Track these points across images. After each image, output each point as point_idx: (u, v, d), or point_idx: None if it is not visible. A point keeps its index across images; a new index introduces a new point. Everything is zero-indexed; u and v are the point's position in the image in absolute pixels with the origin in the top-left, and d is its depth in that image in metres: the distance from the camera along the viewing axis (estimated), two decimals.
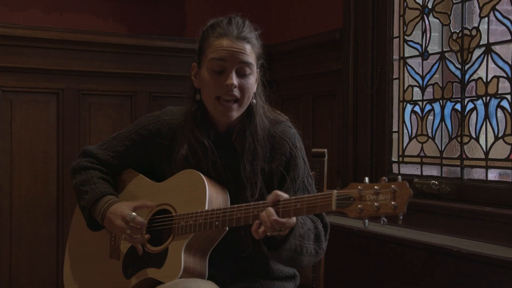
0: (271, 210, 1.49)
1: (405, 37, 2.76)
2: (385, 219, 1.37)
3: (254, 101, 1.75)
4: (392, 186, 1.35)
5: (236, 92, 1.67)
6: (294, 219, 1.51)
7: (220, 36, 1.68)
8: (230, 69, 1.67)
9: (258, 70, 1.76)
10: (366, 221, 1.39)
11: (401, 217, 1.35)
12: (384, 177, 1.38)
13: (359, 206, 1.38)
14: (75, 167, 1.88)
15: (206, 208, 1.65)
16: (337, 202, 1.41)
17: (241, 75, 1.68)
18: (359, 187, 1.40)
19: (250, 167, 1.71)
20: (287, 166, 1.73)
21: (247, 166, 1.70)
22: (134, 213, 1.70)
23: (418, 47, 2.69)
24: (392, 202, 1.34)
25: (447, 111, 2.55)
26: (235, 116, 1.71)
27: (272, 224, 1.48)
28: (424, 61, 2.66)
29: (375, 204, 1.36)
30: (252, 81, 1.71)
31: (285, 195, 1.53)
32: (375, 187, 1.37)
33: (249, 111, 1.75)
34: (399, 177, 1.37)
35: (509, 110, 2.28)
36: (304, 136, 1.84)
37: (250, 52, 1.70)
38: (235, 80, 1.66)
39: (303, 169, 1.75)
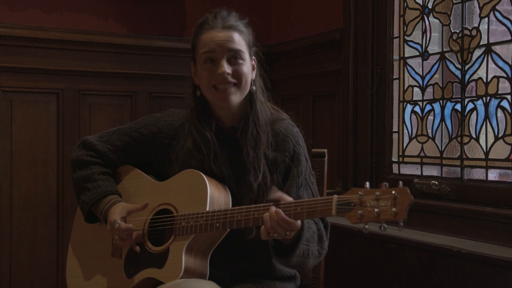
0: (279, 210, 1.48)
1: (405, 37, 2.76)
2: (385, 225, 1.36)
3: (254, 87, 1.77)
4: (393, 192, 1.34)
5: (231, 79, 1.69)
6: (299, 222, 1.51)
7: (207, 31, 1.72)
8: (220, 58, 1.70)
9: (254, 58, 1.79)
10: (366, 226, 1.38)
11: (401, 224, 1.34)
12: (385, 183, 1.38)
13: (359, 212, 1.38)
14: (75, 160, 1.90)
15: (207, 209, 1.65)
16: (337, 207, 1.41)
17: (233, 62, 1.71)
18: (359, 192, 1.39)
19: (253, 152, 1.71)
20: (291, 162, 1.74)
21: (250, 151, 1.71)
22: (118, 221, 1.72)
23: (418, 47, 2.69)
24: (393, 209, 1.34)
25: (447, 111, 2.55)
26: (235, 101, 1.72)
27: (279, 223, 1.47)
28: (424, 61, 2.66)
29: (376, 210, 1.35)
30: (247, 67, 1.73)
31: (288, 198, 1.53)
32: (376, 193, 1.37)
33: (251, 99, 1.77)
34: (400, 182, 1.36)
35: (509, 110, 2.28)
36: (304, 136, 1.84)
37: (239, 40, 1.72)
38: (226, 68, 1.69)
39: (305, 166, 1.76)
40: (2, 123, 2.95)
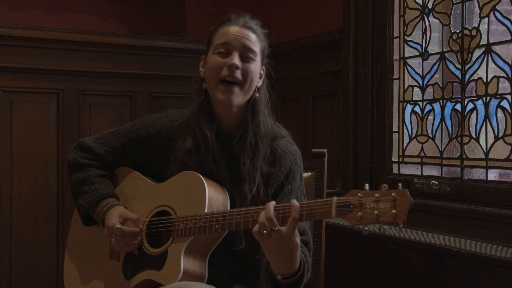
0: (272, 201, 1.49)
1: (405, 37, 2.76)
2: (385, 227, 1.36)
3: (257, 95, 1.77)
4: (393, 194, 1.34)
5: (238, 75, 1.70)
6: (296, 241, 1.48)
7: (227, 25, 1.75)
8: (234, 51, 1.71)
9: (263, 66, 1.79)
10: (366, 228, 1.38)
11: (401, 225, 1.34)
12: (384, 184, 1.37)
13: (359, 213, 1.38)
14: (72, 162, 1.89)
15: (206, 210, 1.64)
16: (337, 209, 1.41)
17: (244, 59, 1.72)
18: (359, 194, 1.39)
19: (249, 162, 1.72)
20: (285, 179, 1.74)
21: (247, 161, 1.72)
22: (119, 226, 1.70)
23: (418, 47, 2.69)
24: (393, 211, 1.33)
25: (447, 111, 2.54)
26: (236, 101, 1.72)
27: (270, 216, 1.45)
28: (424, 61, 2.66)
29: (375, 212, 1.35)
30: (255, 68, 1.74)
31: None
32: (376, 194, 1.36)
33: (253, 108, 1.76)
34: (400, 184, 1.36)
35: (509, 110, 2.28)
36: (304, 136, 1.84)
37: (255, 41, 1.75)
38: (237, 61, 1.70)
39: (299, 185, 1.76)
40: (2, 123, 2.95)
